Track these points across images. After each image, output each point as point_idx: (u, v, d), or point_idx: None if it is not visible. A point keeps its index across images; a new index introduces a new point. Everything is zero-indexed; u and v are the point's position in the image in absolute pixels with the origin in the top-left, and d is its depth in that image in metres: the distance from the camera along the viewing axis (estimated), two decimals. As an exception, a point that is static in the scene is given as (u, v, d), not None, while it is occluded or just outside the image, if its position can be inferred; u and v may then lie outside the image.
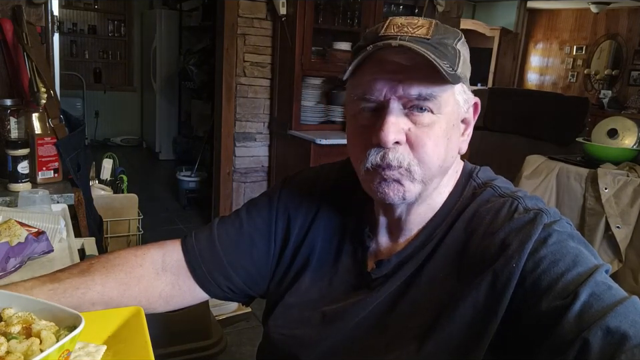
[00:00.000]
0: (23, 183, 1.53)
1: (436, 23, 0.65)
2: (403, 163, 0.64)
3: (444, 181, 0.71)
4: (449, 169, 0.70)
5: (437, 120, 0.64)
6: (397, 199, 0.67)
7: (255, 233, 0.81)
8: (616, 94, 6.55)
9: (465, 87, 0.67)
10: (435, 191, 0.70)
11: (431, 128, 0.64)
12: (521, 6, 7.10)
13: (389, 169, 0.65)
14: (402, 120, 0.64)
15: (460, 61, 0.64)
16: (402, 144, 0.64)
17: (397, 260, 0.71)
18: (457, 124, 0.68)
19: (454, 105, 0.66)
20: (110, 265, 0.76)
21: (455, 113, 0.66)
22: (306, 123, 3.23)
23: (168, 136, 6.14)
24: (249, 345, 2.27)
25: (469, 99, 0.69)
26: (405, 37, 0.62)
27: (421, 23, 0.64)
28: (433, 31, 0.63)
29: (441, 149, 0.65)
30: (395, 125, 0.63)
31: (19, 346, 0.51)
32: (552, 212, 0.64)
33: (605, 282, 0.56)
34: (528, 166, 2.71)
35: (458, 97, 0.66)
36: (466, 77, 0.67)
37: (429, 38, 0.62)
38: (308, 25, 3.05)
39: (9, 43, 1.69)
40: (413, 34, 0.63)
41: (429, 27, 0.64)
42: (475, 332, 0.61)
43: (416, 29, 0.63)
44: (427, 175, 0.66)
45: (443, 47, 0.63)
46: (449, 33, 0.65)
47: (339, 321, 0.72)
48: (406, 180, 0.65)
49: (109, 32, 6.64)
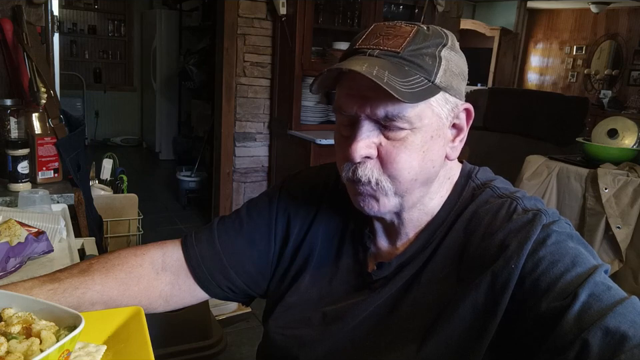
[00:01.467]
0: (22, 183, 1.53)
1: (418, 30, 0.63)
2: (372, 179, 0.64)
3: (433, 188, 0.70)
4: (431, 178, 0.68)
5: (411, 134, 0.63)
6: (372, 212, 0.68)
7: (255, 232, 0.81)
8: (616, 94, 6.55)
9: (447, 95, 0.65)
10: (424, 197, 0.70)
11: (402, 143, 0.63)
12: (521, 6, 7.10)
13: (361, 185, 0.66)
14: (374, 134, 0.64)
15: (440, 70, 0.62)
16: (372, 158, 0.64)
17: (398, 262, 0.71)
18: (437, 134, 0.65)
19: (432, 117, 0.64)
20: (110, 264, 0.76)
21: (433, 125, 0.64)
22: (306, 123, 3.23)
23: (168, 136, 6.14)
24: (249, 344, 2.27)
25: (455, 106, 0.66)
26: (374, 52, 0.62)
27: (401, 32, 0.63)
28: (409, 41, 0.62)
29: (414, 162, 0.64)
30: (364, 141, 0.63)
31: (19, 346, 0.51)
32: (551, 212, 0.64)
33: (604, 282, 0.56)
34: (528, 166, 2.71)
35: (437, 109, 0.64)
36: (450, 85, 0.64)
37: (399, 51, 0.61)
38: (308, 25, 3.05)
39: (8, 43, 1.69)
40: (385, 46, 0.62)
41: (408, 36, 0.62)
42: (475, 332, 0.61)
43: (392, 39, 0.62)
44: (399, 188, 0.66)
45: (417, 58, 0.61)
46: (431, 39, 0.63)
47: (340, 321, 0.72)
48: (379, 194, 0.66)
49: (109, 32, 6.64)
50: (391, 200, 0.67)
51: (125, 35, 6.70)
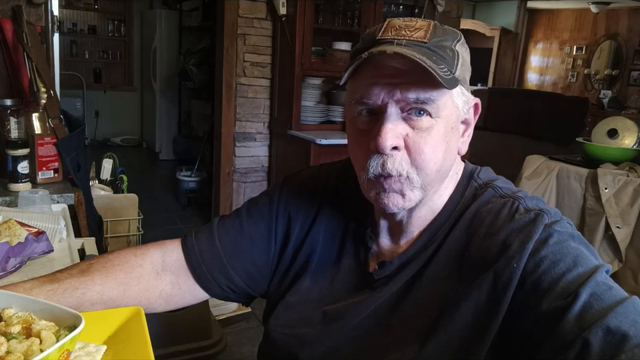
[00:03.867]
0: (23, 183, 1.53)
1: (434, 24, 0.65)
2: (402, 172, 0.64)
3: (444, 184, 0.71)
4: (448, 171, 0.70)
5: (435, 124, 0.64)
6: (396, 209, 0.67)
7: (255, 232, 0.81)
8: (616, 94, 6.55)
9: (463, 89, 0.67)
10: (435, 194, 0.70)
11: (429, 132, 0.64)
12: (521, 6, 7.10)
13: (390, 180, 0.64)
14: (400, 125, 0.63)
15: (458, 63, 0.64)
16: (400, 149, 0.64)
17: (400, 261, 0.71)
18: (455, 126, 0.67)
19: (452, 108, 0.65)
20: (110, 265, 0.75)
21: (453, 116, 0.66)
22: (306, 123, 3.23)
23: (168, 136, 6.14)
24: (249, 344, 2.27)
25: (468, 100, 0.68)
26: (401, 41, 0.62)
27: (419, 25, 0.64)
28: (431, 34, 0.63)
29: (439, 153, 0.65)
30: (392, 131, 0.62)
31: (19, 346, 0.51)
32: (553, 212, 0.64)
33: (605, 282, 0.56)
34: (528, 166, 2.71)
35: (456, 100, 0.66)
36: (465, 79, 0.66)
37: (426, 42, 0.62)
38: (308, 25, 3.05)
39: (9, 43, 1.69)
40: (410, 37, 0.62)
41: (427, 29, 0.63)
42: (476, 332, 0.61)
43: (414, 31, 0.63)
44: (425, 181, 0.66)
45: (440, 49, 0.63)
46: (447, 34, 0.65)
47: (340, 321, 0.72)
48: (407, 189, 0.65)
49: (108, 32, 6.64)
50: (416, 194, 0.66)
51: (125, 35, 6.70)
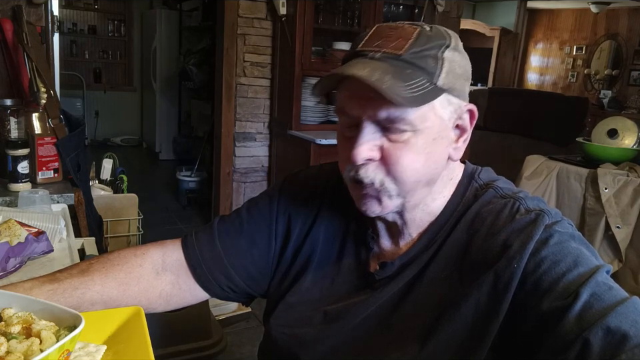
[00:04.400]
0: (22, 183, 1.53)
1: (420, 31, 0.63)
2: (375, 181, 0.64)
3: (436, 188, 0.70)
4: (434, 179, 0.68)
5: (413, 136, 0.63)
6: (374, 214, 0.68)
7: (255, 232, 0.81)
8: (616, 94, 6.55)
9: (451, 97, 0.64)
10: (427, 197, 0.70)
11: (405, 144, 0.63)
12: (521, 6, 7.10)
13: (363, 186, 0.66)
14: (377, 137, 0.63)
15: (442, 71, 0.62)
16: (375, 160, 0.64)
17: (401, 262, 0.71)
18: (440, 137, 0.65)
19: (434, 119, 0.63)
20: (109, 264, 0.75)
21: (435, 127, 0.64)
22: (306, 123, 3.23)
23: (168, 136, 6.14)
24: (249, 344, 2.27)
25: (459, 107, 0.66)
26: (375, 55, 0.62)
27: (404, 33, 0.62)
28: (411, 44, 0.61)
29: (417, 164, 0.64)
30: (366, 144, 0.63)
31: (19, 346, 0.51)
32: (553, 213, 0.64)
33: (605, 282, 0.56)
34: (528, 166, 2.71)
35: (440, 110, 0.64)
36: (453, 87, 0.64)
37: (401, 54, 0.61)
38: (308, 25, 3.05)
39: (9, 43, 1.69)
40: (387, 49, 0.62)
41: (409, 38, 0.62)
42: (477, 332, 0.61)
43: (394, 41, 0.62)
44: (403, 190, 0.66)
45: (419, 59, 0.61)
46: (434, 41, 0.63)
47: (341, 321, 0.72)
48: (383, 196, 0.66)
49: (108, 32, 6.63)
50: (394, 201, 0.67)
51: (125, 35, 6.70)
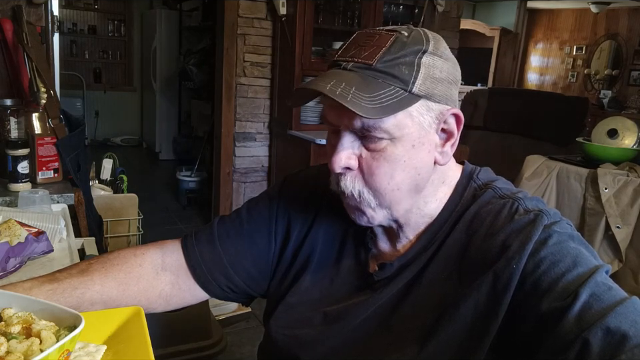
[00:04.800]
0: (22, 183, 1.53)
1: (395, 37, 0.62)
2: (354, 191, 0.65)
3: (426, 192, 0.69)
4: (420, 185, 0.67)
5: (391, 144, 0.63)
6: (362, 223, 0.69)
7: (255, 232, 0.81)
8: (616, 94, 6.55)
9: (430, 103, 0.63)
10: (417, 202, 0.69)
11: (383, 153, 0.63)
12: (521, 6, 7.10)
13: (345, 197, 0.67)
14: (355, 145, 0.64)
15: (418, 79, 0.61)
16: (353, 170, 0.65)
17: (400, 263, 0.71)
18: (419, 143, 0.64)
19: (412, 126, 0.63)
20: (109, 264, 0.76)
21: (413, 134, 0.63)
22: (306, 123, 3.23)
23: (168, 136, 6.14)
24: (249, 344, 2.27)
25: (440, 113, 0.65)
26: (348, 65, 0.62)
27: (378, 41, 0.62)
28: (384, 51, 0.61)
29: (394, 173, 0.64)
30: (345, 152, 0.64)
31: (19, 346, 0.51)
32: (552, 213, 0.64)
33: (605, 282, 0.56)
34: (528, 166, 2.71)
35: (418, 117, 0.63)
36: (431, 92, 0.62)
37: (372, 64, 0.61)
38: (308, 25, 3.05)
39: (9, 43, 1.69)
40: (359, 58, 0.62)
41: (384, 45, 0.61)
42: (476, 333, 0.61)
43: (368, 49, 0.62)
44: (382, 201, 0.66)
45: (392, 68, 0.61)
46: (408, 47, 0.62)
47: (341, 321, 0.72)
48: (364, 206, 0.66)
49: (108, 32, 6.63)
50: (378, 212, 0.67)
51: (125, 35, 6.70)
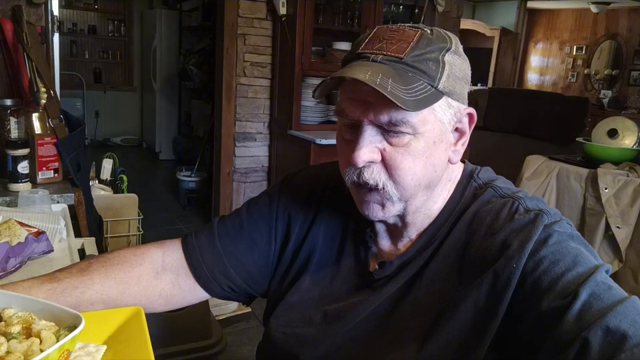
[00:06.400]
0: (23, 183, 1.53)
1: (421, 34, 0.63)
2: (379, 182, 0.64)
3: (437, 191, 0.70)
4: (435, 182, 0.68)
5: (414, 139, 0.63)
6: (376, 218, 0.69)
7: (255, 232, 0.81)
8: (616, 94, 6.55)
9: (451, 100, 0.64)
10: (428, 201, 0.70)
11: (406, 148, 0.63)
12: (521, 6, 7.10)
13: (368, 191, 0.66)
14: (377, 140, 0.63)
15: (443, 75, 0.62)
16: (376, 162, 0.64)
17: (400, 261, 0.71)
18: (439, 140, 0.65)
19: (435, 122, 0.64)
20: (109, 264, 0.76)
21: (436, 130, 0.64)
22: (306, 123, 3.23)
23: (168, 136, 6.14)
24: (249, 345, 2.27)
25: (459, 111, 0.66)
26: (377, 57, 0.62)
27: (405, 36, 0.62)
28: (412, 47, 0.61)
29: (417, 168, 0.64)
30: (367, 147, 0.63)
31: (19, 346, 0.51)
32: (552, 212, 0.64)
33: (605, 282, 0.56)
34: (528, 166, 2.71)
35: (440, 114, 0.64)
36: (453, 90, 0.64)
37: (402, 57, 0.61)
38: (308, 25, 3.05)
39: (9, 43, 1.69)
40: (388, 51, 0.61)
41: (411, 41, 0.62)
42: (476, 332, 0.61)
43: (396, 44, 0.62)
44: (403, 194, 0.66)
45: (421, 63, 0.61)
46: (434, 44, 0.62)
47: (341, 320, 0.72)
48: (385, 200, 0.66)
49: (109, 32, 6.64)
50: (396, 206, 0.67)
51: (125, 35, 6.70)
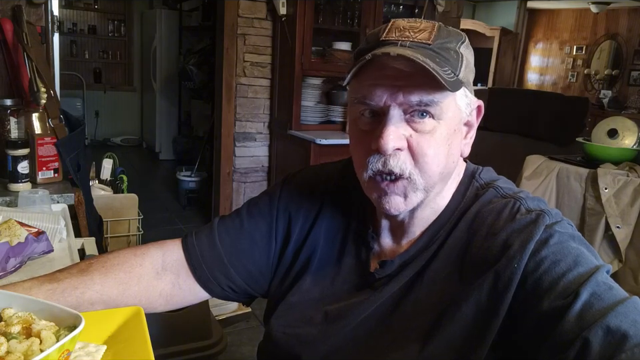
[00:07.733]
0: (22, 183, 1.53)
1: (439, 26, 0.64)
2: (405, 171, 0.64)
3: (447, 185, 0.71)
4: (451, 173, 0.69)
5: (438, 126, 0.64)
6: (397, 212, 0.67)
7: (255, 232, 0.81)
8: (616, 94, 6.55)
9: (467, 91, 0.66)
10: (437, 195, 0.70)
11: (431, 135, 0.63)
12: (521, 6, 7.10)
13: (391, 182, 0.64)
14: (402, 127, 0.63)
15: (462, 65, 0.64)
16: (403, 150, 0.64)
17: (401, 261, 0.71)
18: (458, 129, 0.67)
19: (455, 110, 0.65)
20: (109, 264, 0.75)
21: (456, 118, 0.66)
22: (306, 123, 3.23)
23: (168, 136, 6.14)
24: (249, 345, 2.27)
25: (471, 102, 0.68)
26: (405, 43, 0.62)
27: (424, 26, 0.63)
28: (435, 35, 0.63)
29: (441, 156, 0.65)
30: (394, 132, 0.62)
31: (19, 346, 0.51)
32: (553, 213, 0.64)
33: (605, 282, 0.56)
34: (528, 166, 2.71)
35: (459, 102, 0.66)
36: (468, 81, 0.66)
37: (430, 43, 0.62)
38: (308, 25, 3.05)
39: (9, 43, 1.69)
40: (415, 39, 0.62)
41: (432, 30, 0.63)
42: (477, 332, 0.61)
43: (418, 32, 0.63)
44: (428, 183, 0.66)
45: (444, 51, 0.62)
46: (451, 36, 0.64)
47: (342, 320, 0.72)
48: (410, 190, 0.65)
49: (109, 32, 6.64)
50: (418, 195, 0.66)
51: (125, 35, 6.70)
